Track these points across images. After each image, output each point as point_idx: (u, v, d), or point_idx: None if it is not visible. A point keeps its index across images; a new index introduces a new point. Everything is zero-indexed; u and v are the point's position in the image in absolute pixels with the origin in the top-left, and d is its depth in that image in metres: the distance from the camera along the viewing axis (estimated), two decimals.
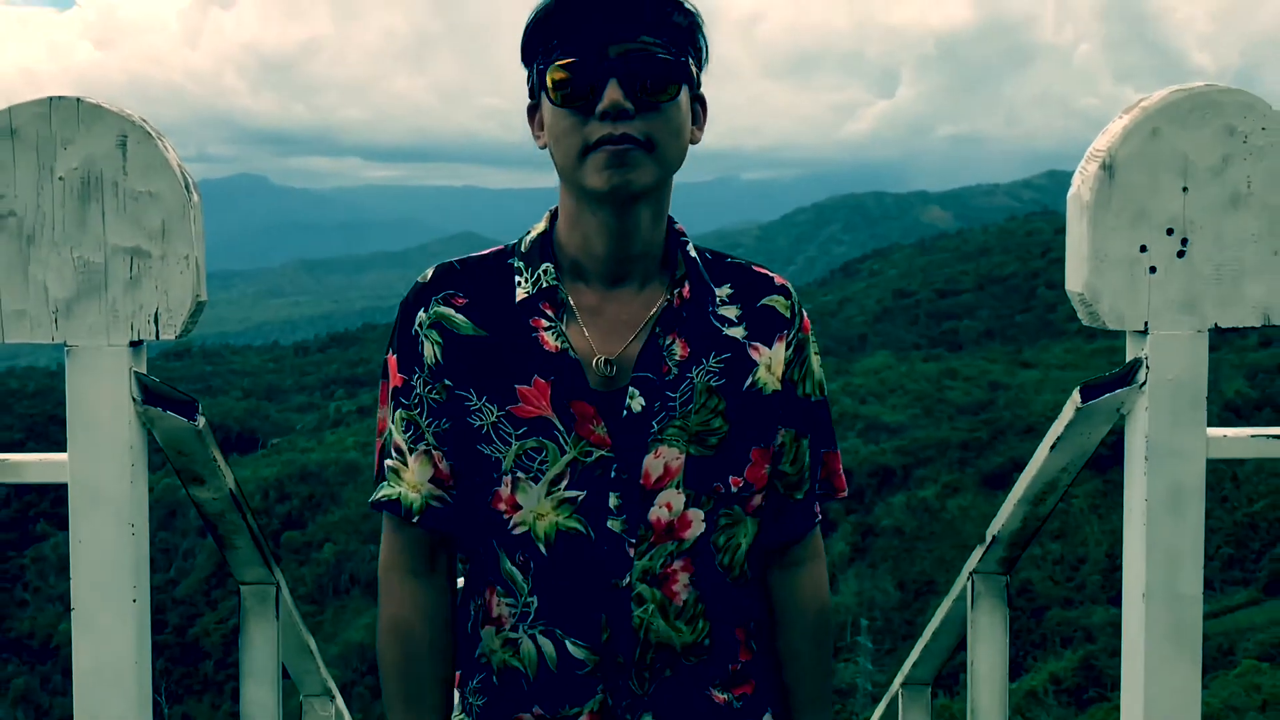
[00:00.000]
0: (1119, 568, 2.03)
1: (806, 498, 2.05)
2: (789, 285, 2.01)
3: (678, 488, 1.86)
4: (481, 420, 1.87)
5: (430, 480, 1.92)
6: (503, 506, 1.87)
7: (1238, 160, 1.88)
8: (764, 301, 1.98)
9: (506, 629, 1.92)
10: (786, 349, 1.97)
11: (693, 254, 1.96)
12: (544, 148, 1.88)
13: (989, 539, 2.48)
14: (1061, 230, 2.01)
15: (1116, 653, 2.06)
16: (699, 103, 1.92)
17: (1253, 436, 2.05)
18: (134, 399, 1.84)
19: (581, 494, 1.84)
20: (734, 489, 1.91)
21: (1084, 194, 1.91)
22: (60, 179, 1.80)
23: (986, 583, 2.60)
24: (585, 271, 1.91)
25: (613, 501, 1.84)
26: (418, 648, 1.96)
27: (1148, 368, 1.91)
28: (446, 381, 1.88)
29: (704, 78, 1.92)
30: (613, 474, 1.84)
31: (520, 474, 1.85)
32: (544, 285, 1.89)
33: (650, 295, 1.92)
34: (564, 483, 1.84)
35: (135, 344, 1.84)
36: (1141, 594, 1.94)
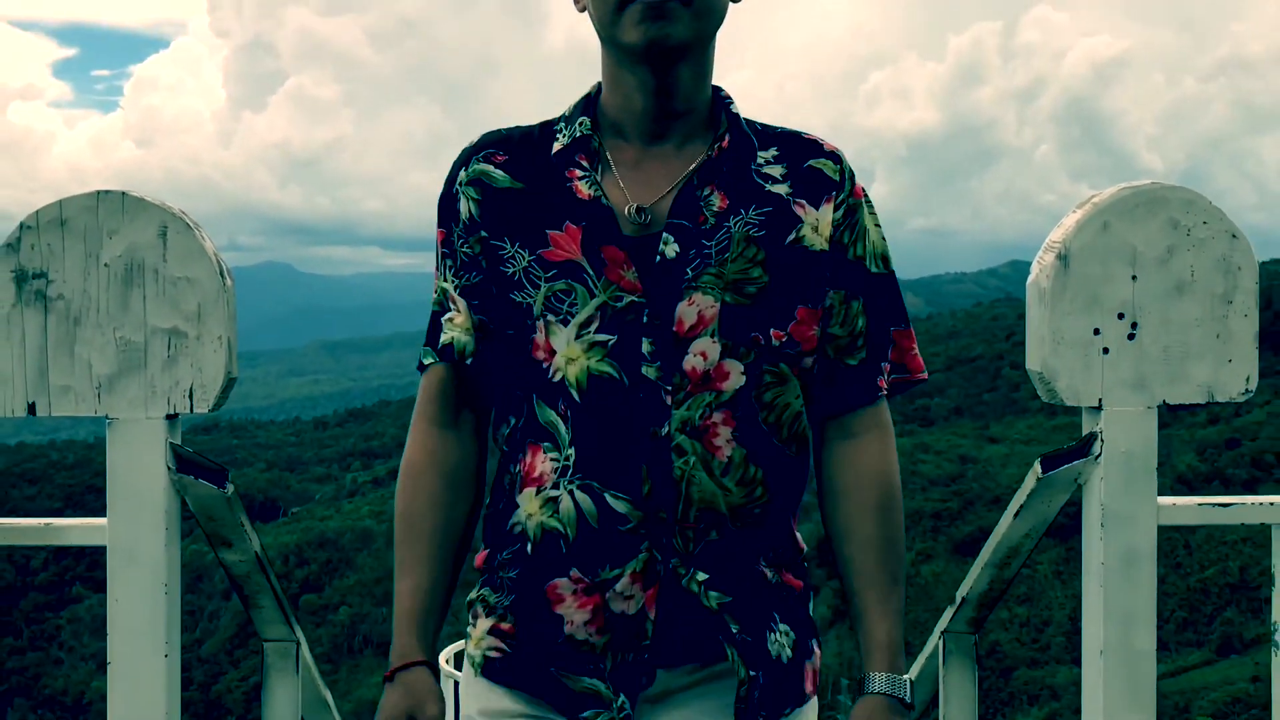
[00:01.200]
0: (1080, 629, 2.03)
1: (862, 366, 1.79)
2: (840, 152, 1.79)
3: (712, 336, 1.65)
4: (514, 267, 1.71)
5: (472, 328, 1.78)
6: (540, 354, 1.69)
7: (1181, 251, 1.91)
8: (811, 163, 1.77)
9: (547, 487, 1.69)
10: (835, 211, 1.75)
11: (736, 112, 1.79)
12: (583, 10, 1.72)
13: (958, 600, 2.48)
14: (1024, 315, 2.03)
15: (1079, 710, 2.05)
16: None
17: (1200, 505, 2.06)
18: (169, 468, 1.85)
19: (612, 338, 1.65)
20: (775, 342, 1.69)
21: (1042, 281, 1.93)
22: (106, 265, 1.82)
23: (957, 641, 2.59)
24: (625, 129, 1.74)
25: (645, 347, 1.64)
26: (422, 493, 1.79)
27: (1102, 441, 1.93)
28: (483, 234, 1.74)
29: None
30: (645, 319, 1.65)
31: (550, 317, 1.67)
32: (578, 135, 1.73)
33: (691, 152, 1.74)
34: (594, 326, 1.66)
35: (171, 417, 1.86)
36: (1099, 651, 1.94)
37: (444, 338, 1.79)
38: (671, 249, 1.66)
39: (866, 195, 1.81)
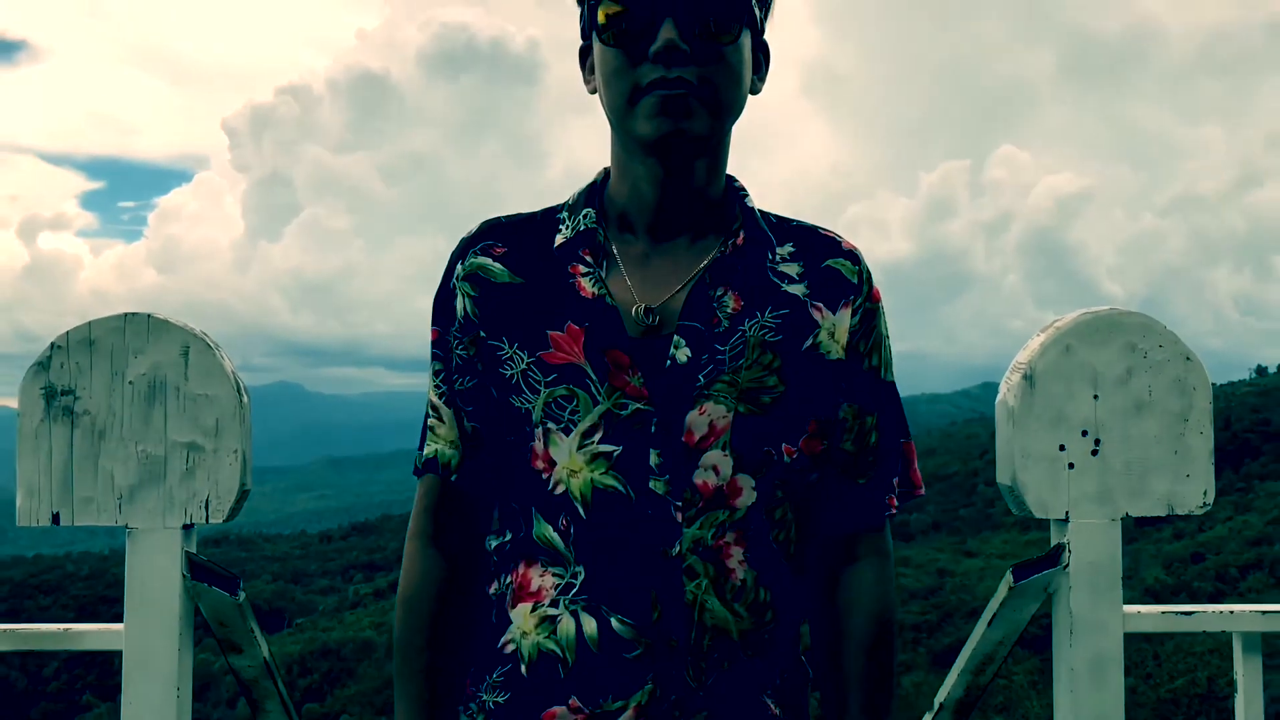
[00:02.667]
0: None
1: (871, 485, 1.60)
2: (858, 251, 1.60)
3: (724, 449, 1.46)
4: (512, 369, 1.51)
5: (459, 440, 1.59)
6: (540, 465, 1.49)
7: (1139, 372, 1.93)
8: (829, 263, 1.57)
9: (545, 604, 1.49)
10: (853, 316, 1.55)
11: (751, 205, 1.59)
12: (594, 93, 1.54)
13: (936, 706, 2.45)
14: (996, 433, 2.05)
15: None
16: (761, 51, 1.56)
17: (1163, 613, 2.06)
18: (184, 575, 1.85)
19: (617, 449, 1.45)
20: (787, 458, 1.50)
21: (1010, 401, 1.96)
22: (130, 383, 1.84)
23: None
24: (633, 222, 1.55)
25: (653, 459, 1.44)
26: (418, 625, 1.59)
27: (1070, 551, 1.93)
28: (481, 334, 1.53)
29: (768, 25, 1.58)
30: (653, 429, 1.44)
31: (550, 425, 1.47)
32: (582, 229, 1.54)
33: (702, 249, 1.54)
34: (597, 435, 1.46)
35: (187, 527, 1.86)
36: None
37: (428, 450, 1.61)
38: (683, 353, 1.46)
39: (880, 299, 1.62)
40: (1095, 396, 1.93)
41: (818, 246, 1.57)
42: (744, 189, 1.59)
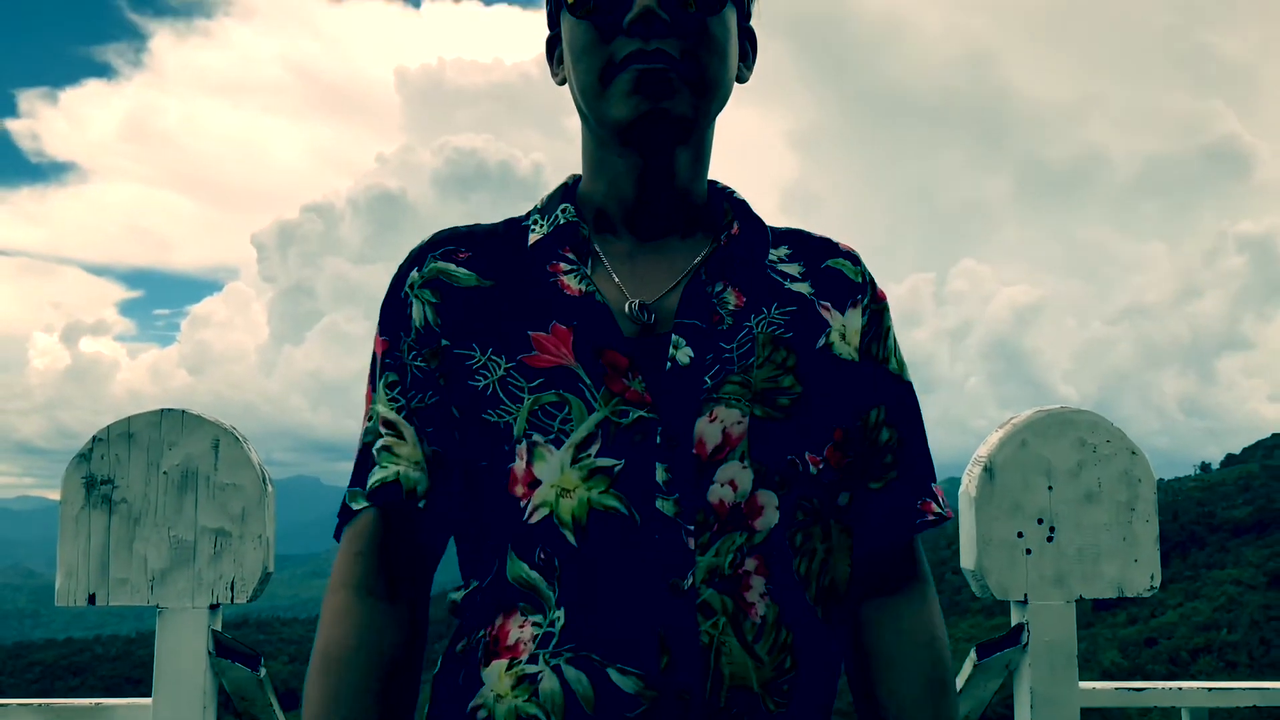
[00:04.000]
0: None
1: (900, 488, 1.27)
2: (856, 253, 1.33)
3: (741, 460, 1.13)
4: (487, 377, 1.16)
5: (427, 462, 1.21)
6: (518, 489, 1.14)
7: (1090, 465, 1.95)
8: (829, 264, 1.29)
9: (523, 660, 1.12)
10: (862, 316, 1.27)
11: (742, 199, 1.31)
12: (562, 83, 1.27)
13: None
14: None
15: None
16: (748, 39, 1.29)
17: (1117, 689, 2.04)
18: (209, 652, 1.83)
19: (618, 463, 1.11)
20: (813, 469, 1.18)
21: (971, 491, 1.97)
22: (165, 473, 1.85)
23: None
24: (613, 221, 1.25)
25: (660, 475, 1.11)
26: (349, 688, 1.14)
27: (1028, 631, 1.93)
28: (443, 342, 1.20)
29: (754, 10, 1.30)
30: (658, 439, 1.12)
31: (537, 437, 1.13)
32: (562, 223, 1.24)
33: (693, 246, 1.25)
34: (594, 448, 1.12)
35: (214, 607, 1.85)
36: None
37: (382, 474, 1.20)
38: (684, 354, 1.15)
39: (886, 299, 1.35)
40: (1050, 487, 1.94)
41: (814, 248, 1.31)
42: (730, 188, 1.32)
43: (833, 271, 1.28)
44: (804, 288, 1.25)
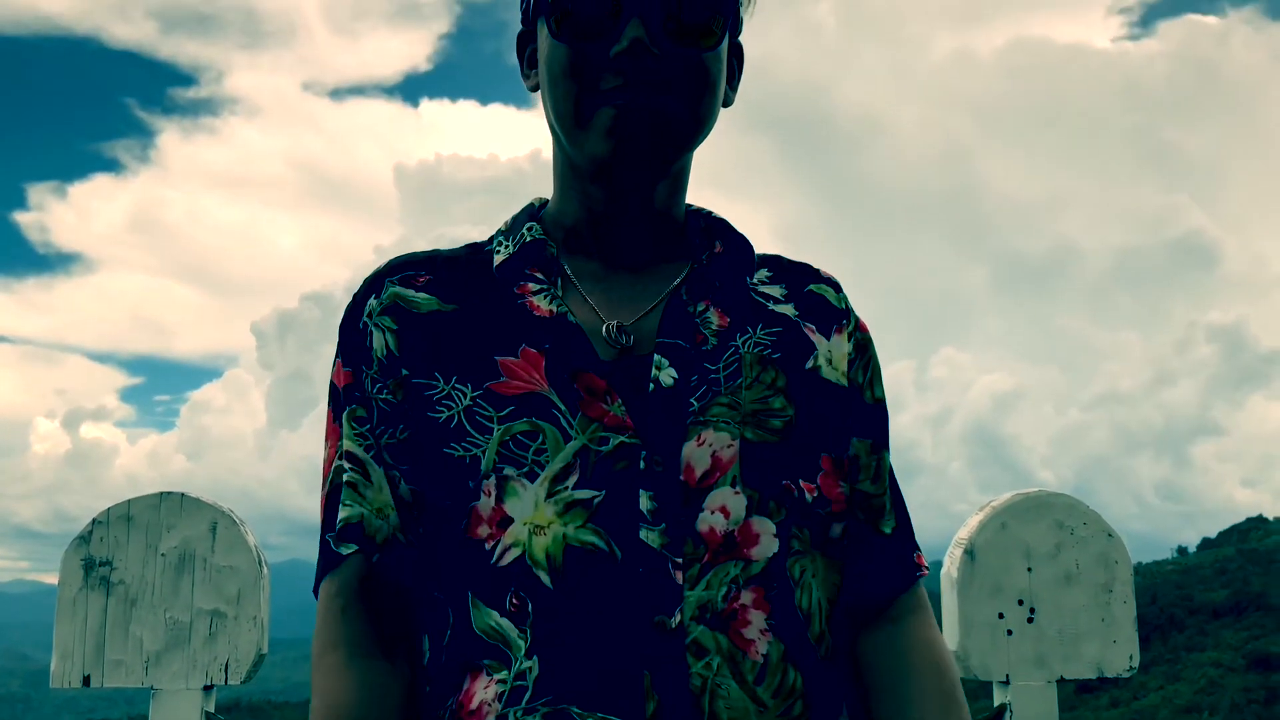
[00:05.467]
0: None
1: (897, 535, 1.17)
2: (837, 280, 1.23)
3: (733, 486, 1.02)
4: (450, 408, 1.04)
5: (394, 507, 1.08)
6: (483, 531, 1.01)
7: (1067, 547, 1.95)
8: (812, 288, 1.19)
9: None
10: (848, 343, 1.17)
11: (722, 218, 1.20)
12: (534, 89, 1.15)
13: None
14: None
15: None
16: (736, 56, 1.16)
17: None
18: None
19: (598, 495, 0.99)
20: (808, 496, 1.06)
21: (952, 573, 1.97)
22: (162, 555, 1.84)
23: None
24: (585, 242, 1.14)
25: (645, 503, 0.99)
26: None
27: (1011, 711, 1.91)
28: (403, 372, 1.07)
29: (746, 19, 1.17)
30: (641, 464, 1.00)
31: (509, 470, 1.00)
32: (528, 240, 1.12)
33: (671, 266, 1.14)
34: (571, 479, 1.00)
35: (208, 688, 1.83)
36: None
37: (345, 513, 1.07)
38: (667, 375, 1.04)
39: (868, 330, 1.24)
40: (1029, 569, 1.95)
41: (794, 272, 1.20)
42: (709, 210, 1.21)
43: (816, 296, 1.18)
44: (788, 309, 1.15)
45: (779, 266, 1.20)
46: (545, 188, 1.19)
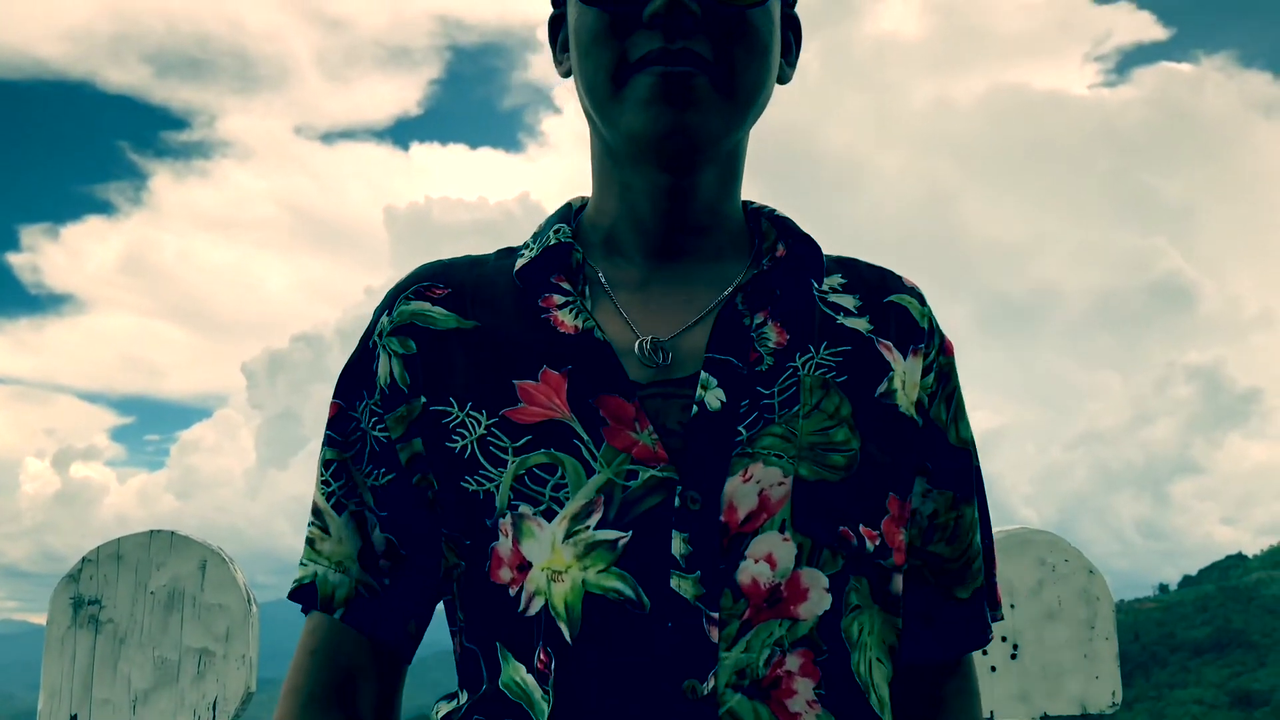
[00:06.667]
0: None
1: (975, 600, 1.00)
2: (921, 290, 1.05)
3: (781, 531, 0.85)
4: (465, 437, 0.91)
5: (359, 556, 0.96)
6: (505, 575, 0.87)
7: (1050, 584, 1.95)
8: (893, 299, 1.00)
9: None
10: (925, 374, 0.98)
11: (784, 216, 1.01)
12: (567, 74, 1.01)
13: None
14: None
15: None
16: (791, 29, 1.02)
17: None
18: None
19: (624, 536, 0.84)
20: (869, 545, 0.89)
21: None
22: (152, 593, 1.82)
23: None
24: (624, 245, 0.98)
25: (678, 547, 0.83)
26: None
27: None
28: (421, 399, 0.93)
29: None
30: (676, 501, 0.84)
31: (525, 508, 0.86)
32: (552, 243, 0.96)
33: (724, 270, 0.97)
34: (593, 518, 0.85)
35: None
36: None
37: (300, 573, 0.97)
38: (714, 397, 0.88)
39: (954, 354, 1.05)
40: (1012, 605, 1.94)
41: (874, 279, 1.02)
42: (770, 208, 1.03)
43: (897, 309, 1.00)
44: (861, 324, 0.97)
45: (854, 272, 1.02)
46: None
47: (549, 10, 1.04)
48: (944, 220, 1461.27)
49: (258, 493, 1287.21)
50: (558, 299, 0.94)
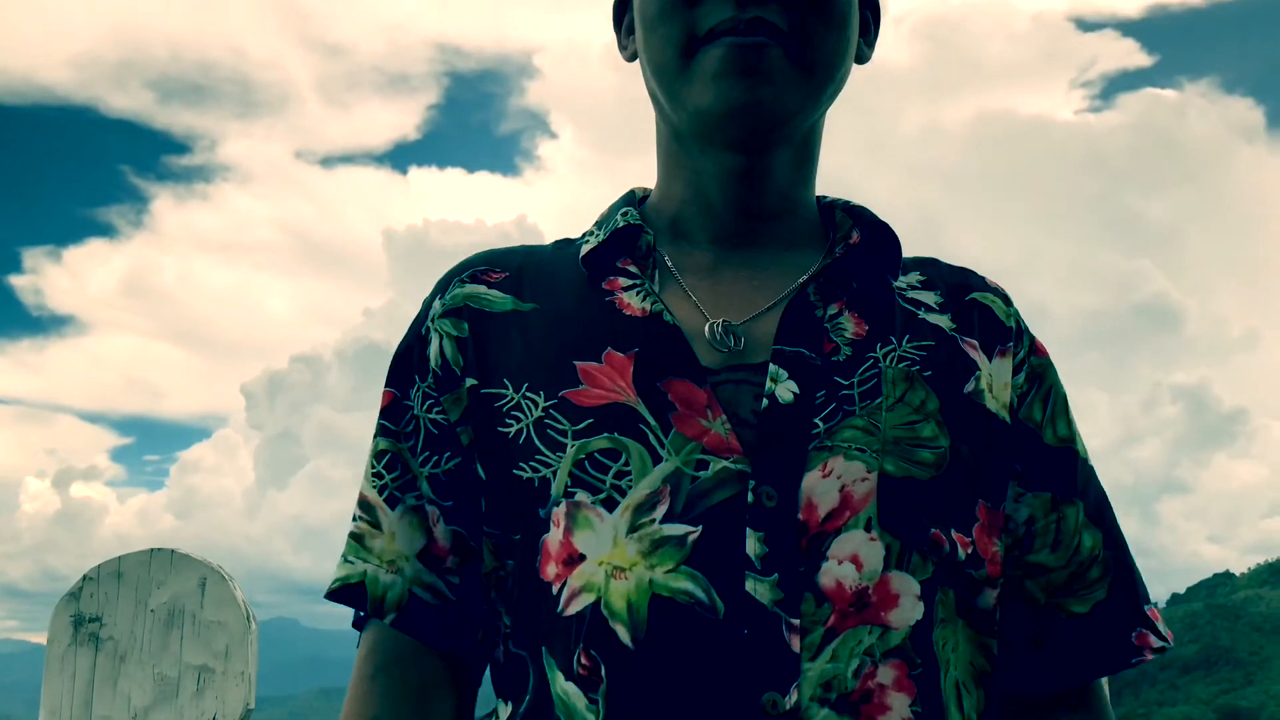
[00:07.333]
0: None
1: (1098, 615, 0.87)
2: (1005, 291, 0.95)
3: (867, 530, 0.76)
4: (520, 420, 0.82)
5: (420, 555, 0.86)
6: (551, 571, 0.78)
7: None
8: (975, 296, 0.92)
9: None
10: (1016, 373, 0.89)
11: (863, 207, 0.93)
12: (632, 58, 0.93)
13: None
14: None
15: None
16: (869, 7, 0.94)
17: None
18: None
19: (694, 531, 0.75)
20: (961, 553, 0.80)
21: None
22: (152, 611, 1.82)
23: None
24: (691, 231, 0.91)
25: (754, 547, 0.74)
26: None
27: None
28: (469, 382, 0.85)
29: None
30: (749, 496, 0.75)
31: (582, 495, 0.78)
32: (620, 226, 0.89)
33: (797, 259, 0.89)
34: (660, 510, 0.76)
35: None
36: None
37: (343, 571, 0.87)
38: (786, 389, 0.80)
39: (1048, 355, 0.96)
40: None
41: (954, 278, 0.94)
42: (841, 199, 0.96)
43: (980, 307, 0.92)
44: (943, 320, 0.89)
45: (934, 270, 0.94)
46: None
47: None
48: (933, 243, 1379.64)
49: (256, 513, 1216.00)
50: (623, 281, 0.87)
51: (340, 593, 0.86)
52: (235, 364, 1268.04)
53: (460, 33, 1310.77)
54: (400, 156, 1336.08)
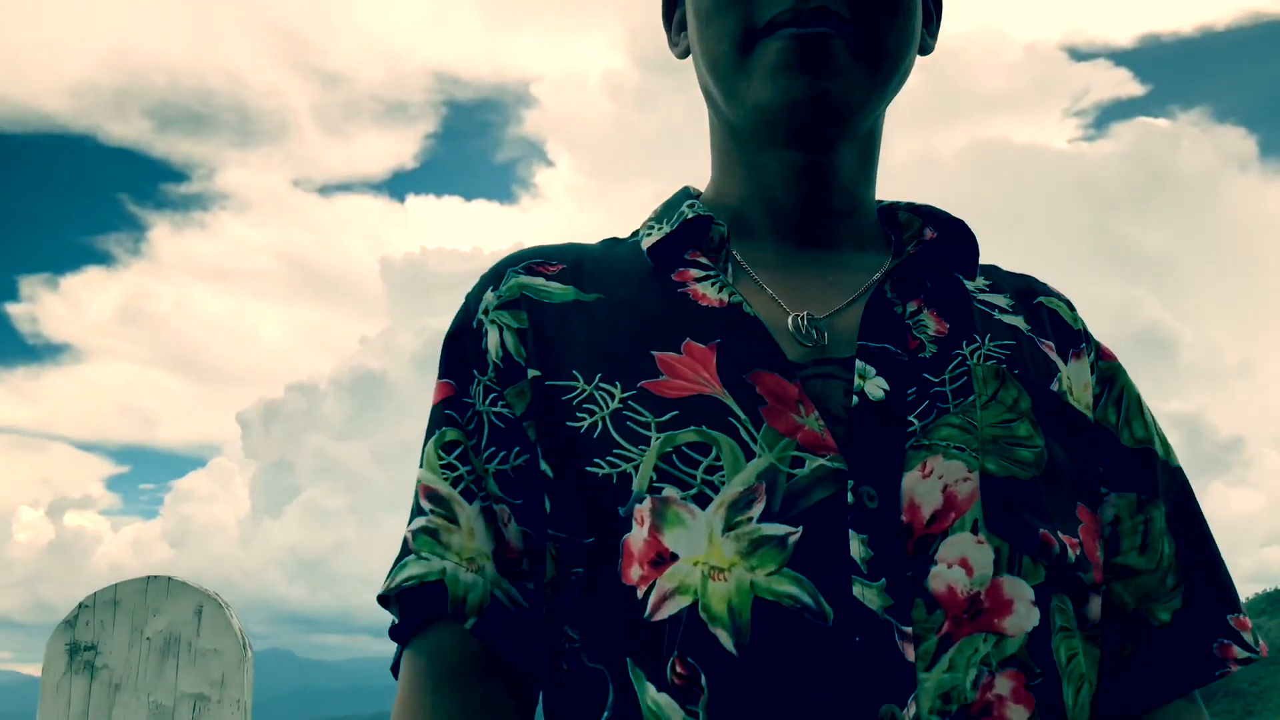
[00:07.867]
0: None
1: (1178, 624, 0.81)
2: (1068, 297, 0.92)
3: (975, 532, 0.71)
4: (594, 413, 0.75)
5: (494, 556, 0.76)
6: (635, 573, 0.71)
7: None
8: (1041, 300, 0.89)
9: None
10: (1090, 371, 0.86)
11: (928, 206, 0.90)
12: (684, 55, 0.90)
13: None
14: None
15: None
16: None
17: None
18: None
19: (795, 532, 0.69)
20: (1071, 555, 0.75)
21: None
22: (148, 639, 1.80)
23: None
24: (754, 227, 0.86)
25: (858, 549, 0.69)
26: None
27: None
28: (532, 373, 0.78)
29: None
30: (849, 496, 0.70)
31: (671, 491, 0.71)
32: (689, 218, 0.84)
33: (868, 257, 0.85)
34: (757, 508, 0.70)
35: None
36: None
37: (419, 569, 0.75)
38: (875, 385, 0.76)
39: (1116, 359, 0.92)
40: None
41: (1019, 283, 0.91)
42: (902, 200, 0.92)
43: (1049, 310, 0.89)
44: (1018, 321, 0.85)
45: (998, 275, 0.91)
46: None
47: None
48: None
49: (251, 543, 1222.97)
50: (695, 273, 0.82)
51: (413, 592, 0.75)
52: (231, 392, 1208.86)
53: (458, 62, 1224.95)
54: (398, 185, 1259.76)
